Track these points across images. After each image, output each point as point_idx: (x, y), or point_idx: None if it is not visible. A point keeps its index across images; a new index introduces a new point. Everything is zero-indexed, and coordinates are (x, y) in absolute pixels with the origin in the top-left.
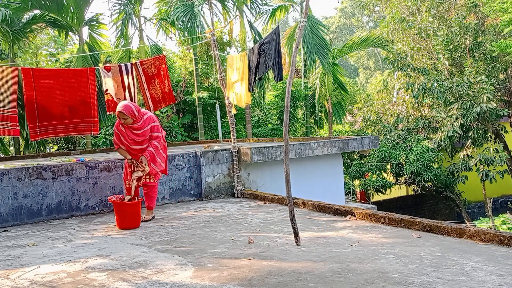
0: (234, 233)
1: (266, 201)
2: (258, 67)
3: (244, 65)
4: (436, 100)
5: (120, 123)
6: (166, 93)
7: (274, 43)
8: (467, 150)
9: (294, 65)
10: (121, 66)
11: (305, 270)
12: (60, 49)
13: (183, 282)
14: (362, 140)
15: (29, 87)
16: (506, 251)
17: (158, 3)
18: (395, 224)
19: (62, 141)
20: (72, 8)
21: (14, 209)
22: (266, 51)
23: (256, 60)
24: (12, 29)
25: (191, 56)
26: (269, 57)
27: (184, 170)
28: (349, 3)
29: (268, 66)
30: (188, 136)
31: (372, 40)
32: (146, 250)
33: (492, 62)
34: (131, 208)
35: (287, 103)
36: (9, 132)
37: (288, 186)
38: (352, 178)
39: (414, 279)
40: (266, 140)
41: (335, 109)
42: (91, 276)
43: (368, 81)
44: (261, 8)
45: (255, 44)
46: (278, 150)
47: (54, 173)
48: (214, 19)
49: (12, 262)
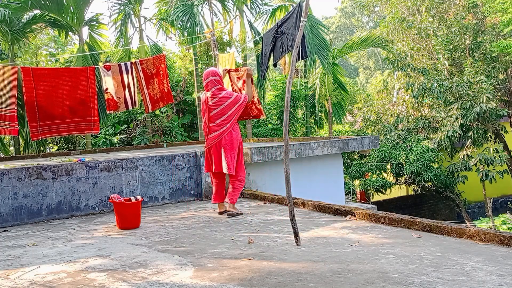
0: (234, 233)
1: (266, 201)
2: (274, 51)
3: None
4: (436, 100)
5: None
6: (165, 93)
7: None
8: (467, 150)
9: (294, 65)
10: (120, 65)
11: (305, 270)
12: (60, 49)
13: (183, 282)
14: (362, 140)
15: (29, 87)
16: (506, 251)
17: (158, 3)
18: (395, 224)
19: (62, 141)
20: (72, 8)
21: (14, 209)
22: (285, 32)
23: (271, 44)
24: (12, 29)
25: (191, 56)
26: (289, 37)
27: (184, 170)
28: (349, 3)
29: (285, 49)
30: (188, 136)
31: (372, 40)
32: (146, 250)
33: (492, 62)
34: (131, 208)
35: (287, 103)
36: (8, 131)
37: (288, 186)
38: (352, 178)
39: (414, 279)
40: (266, 140)
41: (335, 109)
42: (91, 276)
43: (368, 81)
44: (261, 8)
45: (260, 38)
46: (278, 150)
47: (54, 173)
48: (214, 19)
49: (12, 262)
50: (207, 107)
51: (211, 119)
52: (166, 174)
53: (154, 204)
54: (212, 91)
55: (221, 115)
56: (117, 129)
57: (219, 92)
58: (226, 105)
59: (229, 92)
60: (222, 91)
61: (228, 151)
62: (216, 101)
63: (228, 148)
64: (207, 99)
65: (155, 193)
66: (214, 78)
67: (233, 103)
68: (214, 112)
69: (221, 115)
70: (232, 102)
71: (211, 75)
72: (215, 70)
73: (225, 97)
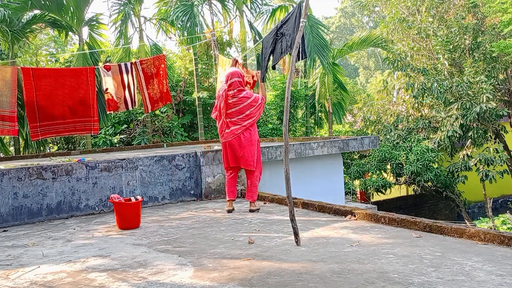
0: (234, 233)
1: (266, 201)
2: (274, 54)
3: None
4: (436, 100)
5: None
6: (164, 93)
7: (293, 21)
8: (467, 150)
9: (294, 65)
10: (120, 65)
11: (305, 270)
12: (60, 49)
13: (183, 282)
14: (362, 140)
15: (29, 87)
16: (506, 251)
17: (158, 3)
18: (395, 224)
19: (62, 141)
20: (72, 8)
21: (14, 209)
22: (284, 34)
23: (271, 47)
24: (12, 29)
25: (191, 56)
26: (288, 38)
27: (184, 170)
28: (349, 3)
29: (284, 50)
30: (188, 136)
31: (372, 40)
32: (146, 250)
33: (491, 62)
34: (131, 208)
35: (287, 103)
36: (8, 132)
37: (288, 186)
38: (352, 178)
39: (414, 279)
40: (266, 140)
41: (335, 109)
42: (91, 276)
43: (368, 81)
44: (261, 8)
45: (260, 40)
46: (278, 150)
47: (54, 173)
48: (214, 19)
49: (12, 262)
50: (226, 103)
51: (229, 115)
52: (166, 174)
53: (154, 204)
54: (234, 92)
55: (240, 113)
56: (117, 129)
57: (240, 93)
58: (245, 104)
59: (249, 93)
60: (242, 92)
61: (248, 147)
62: (237, 100)
63: (248, 145)
64: (228, 96)
65: (155, 193)
66: (238, 80)
67: (252, 104)
68: (233, 109)
69: (239, 113)
70: (251, 103)
71: (236, 76)
72: (239, 71)
73: (245, 97)
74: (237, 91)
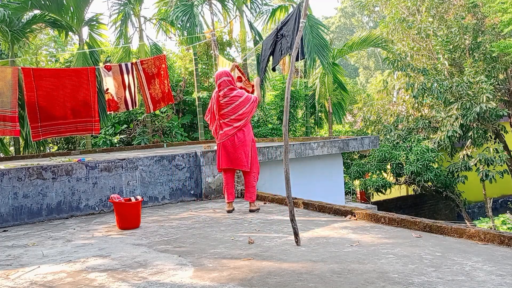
0: (234, 233)
1: (266, 201)
2: (273, 55)
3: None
4: (436, 100)
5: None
6: (166, 93)
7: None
8: (467, 150)
9: (294, 65)
10: (121, 65)
11: (305, 270)
12: (60, 49)
13: (183, 282)
14: (362, 140)
15: (30, 87)
16: (506, 251)
17: (158, 3)
18: (395, 224)
19: (62, 141)
20: (72, 8)
21: (14, 209)
22: (284, 35)
23: (270, 48)
24: (11, 29)
25: (191, 56)
26: (288, 39)
27: (184, 170)
28: (349, 3)
29: (284, 51)
30: (188, 136)
31: (372, 40)
32: (146, 250)
33: (492, 62)
34: (131, 208)
35: (286, 103)
36: (9, 132)
37: (288, 186)
38: (352, 178)
39: (414, 279)
40: (266, 140)
41: (335, 109)
42: (91, 276)
43: (368, 81)
44: (261, 8)
45: (260, 40)
46: (278, 150)
47: (54, 173)
48: (214, 19)
49: (12, 262)
50: (218, 105)
51: (222, 116)
52: (166, 174)
53: (154, 204)
54: (224, 91)
55: (232, 113)
56: (117, 129)
57: (231, 92)
58: (237, 104)
59: (240, 91)
60: (233, 91)
61: (241, 148)
62: (228, 99)
63: (241, 145)
64: (218, 97)
65: (155, 193)
66: (226, 79)
67: (245, 103)
68: (225, 110)
69: (232, 113)
70: (243, 102)
71: (224, 75)
72: (227, 71)
73: (236, 96)
74: (227, 90)
